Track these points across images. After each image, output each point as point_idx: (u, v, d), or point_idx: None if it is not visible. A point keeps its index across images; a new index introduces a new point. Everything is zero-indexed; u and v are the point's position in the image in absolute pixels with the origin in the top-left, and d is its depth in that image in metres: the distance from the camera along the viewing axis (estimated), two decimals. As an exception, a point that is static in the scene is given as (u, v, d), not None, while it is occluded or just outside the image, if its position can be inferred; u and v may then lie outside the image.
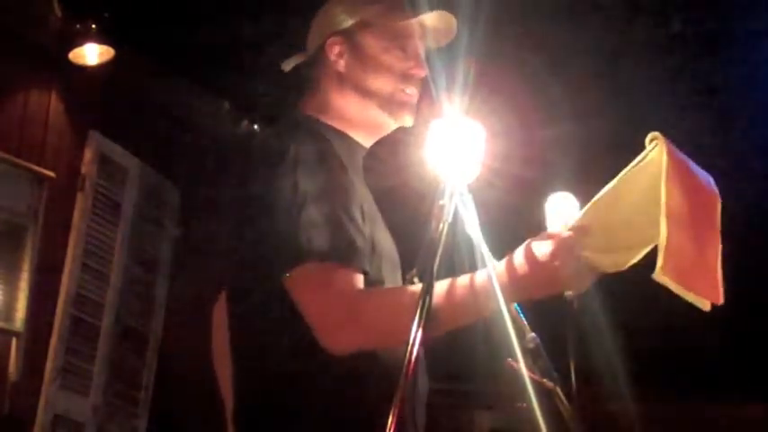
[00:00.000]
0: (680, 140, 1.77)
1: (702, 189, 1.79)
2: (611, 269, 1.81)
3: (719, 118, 4.26)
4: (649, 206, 1.70)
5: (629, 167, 1.75)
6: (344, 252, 1.79)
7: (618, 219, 1.75)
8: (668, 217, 1.67)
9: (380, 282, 1.90)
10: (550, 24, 3.88)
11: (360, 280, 1.81)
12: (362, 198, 1.93)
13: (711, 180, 1.82)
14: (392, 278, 1.95)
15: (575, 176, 1.85)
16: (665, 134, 1.75)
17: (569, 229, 1.73)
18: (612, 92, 4.12)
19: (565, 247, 1.71)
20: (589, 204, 1.76)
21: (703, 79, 4.12)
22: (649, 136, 1.75)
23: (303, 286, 1.79)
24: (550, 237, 1.73)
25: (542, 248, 1.72)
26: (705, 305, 1.75)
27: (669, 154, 1.71)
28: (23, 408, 3.78)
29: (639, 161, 1.74)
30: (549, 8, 3.83)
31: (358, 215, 1.87)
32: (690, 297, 1.72)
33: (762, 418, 5.09)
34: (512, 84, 3.76)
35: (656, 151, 1.72)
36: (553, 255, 1.71)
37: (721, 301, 1.75)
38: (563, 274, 1.71)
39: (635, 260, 1.80)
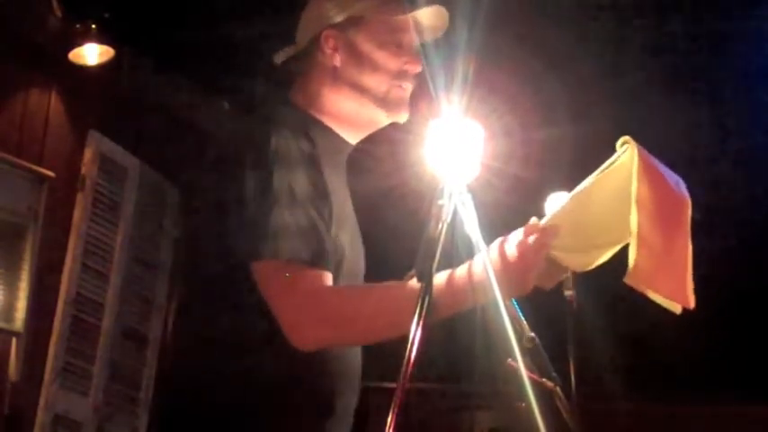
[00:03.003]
0: (679, 140, 1.77)
1: (672, 193, 1.79)
2: (579, 268, 1.82)
3: (719, 117, 4.26)
4: (619, 208, 1.71)
5: (599, 170, 1.75)
6: (313, 252, 1.80)
7: (587, 220, 1.76)
8: (639, 221, 1.68)
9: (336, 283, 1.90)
10: (550, 24, 3.88)
11: (327, 279, 1.82)
12: (335, 200, 1.93)
13: (682, 183, 1.83)
14: (349, 280, 1.96)
15: (574, 176, 1.84)
16: (665, 134, 1.75)
17: (538, 230, 1.74)
18: (612, 92, 4.11)
19: (532, 250, 1.72)
20: (559, 207, 1.76)
21: (702, 79, 4.12)
22: (620, 140, 1.76)
23: (270, 282, 1.80)
24: (518, 238, 1.74)
25: (510, 250, 1.73)
26: (676, 308, 1.76)
27: (640, 158, 1.72)
28: (23, 408, 3.78)
29: (610, 164, 1.75)
30: (549, 8, 3.83)
31: (327, 216, 1.87)
32: (660, 300, 1.73)
33: (763, 418, 5.09)
34: (511, 84, 3.76)
35: (626, 155, 1.73)
36: (521, 256, 1.72)
37: (692, 305, 1.75)
38: (530, 275, 1.73)
39: (603, 260, 1.81)
